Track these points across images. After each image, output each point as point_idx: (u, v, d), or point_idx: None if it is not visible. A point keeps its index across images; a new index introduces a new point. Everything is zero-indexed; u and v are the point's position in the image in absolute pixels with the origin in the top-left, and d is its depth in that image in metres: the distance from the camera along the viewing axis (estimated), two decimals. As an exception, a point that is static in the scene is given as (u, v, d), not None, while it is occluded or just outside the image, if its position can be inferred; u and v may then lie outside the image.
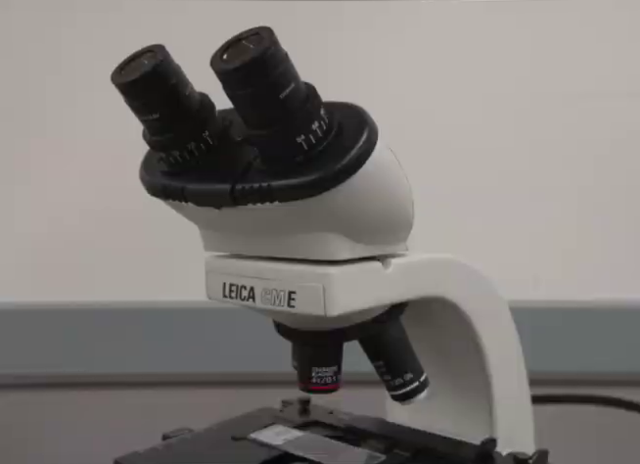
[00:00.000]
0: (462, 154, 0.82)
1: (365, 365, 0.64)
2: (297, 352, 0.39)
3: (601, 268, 0.83)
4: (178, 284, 0.81)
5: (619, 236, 0.83)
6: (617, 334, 0.78)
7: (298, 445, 0.40)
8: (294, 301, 0.34)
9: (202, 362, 0.82)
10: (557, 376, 0.72)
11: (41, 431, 0.82)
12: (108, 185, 0.82)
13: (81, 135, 0.83)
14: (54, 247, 0.84)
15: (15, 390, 0.82)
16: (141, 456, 0.39)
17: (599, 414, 0.67)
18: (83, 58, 0.82)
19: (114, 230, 0.83)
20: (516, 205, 0.82)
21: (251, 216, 0.33)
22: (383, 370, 0.39)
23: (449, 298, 0.41)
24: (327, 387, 0.38)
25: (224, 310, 0.82)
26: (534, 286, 0.80)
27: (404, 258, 0.37)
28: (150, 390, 0.83)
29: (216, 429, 0.44)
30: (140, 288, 0.83)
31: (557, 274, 0.82)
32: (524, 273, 0.81)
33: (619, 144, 0.82)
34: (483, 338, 0.43)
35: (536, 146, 0.82)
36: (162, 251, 0.83)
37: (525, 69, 0.82)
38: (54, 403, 0.82)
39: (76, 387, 0.83)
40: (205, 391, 0.82)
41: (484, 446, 0.38)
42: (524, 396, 0.48)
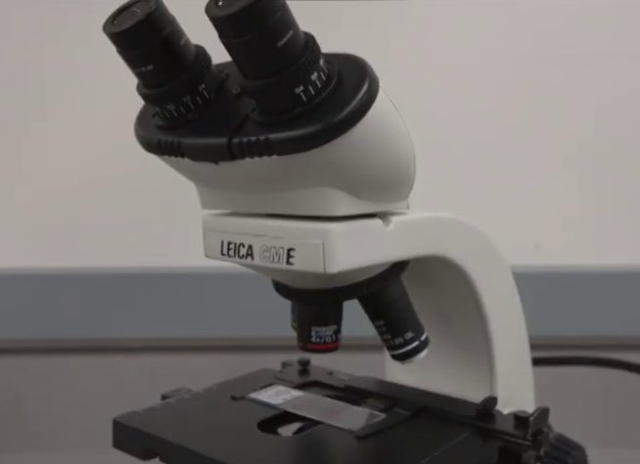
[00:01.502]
0: (460, 120, 0.80)
1: (364, 329, 0.64)
2: (297, 312, 0.39)
3: (601, 234, 0.82)
4: (178, 250, 0.81)
5: (620, 202, 0.82)
6: (618, 298, 0.78)
7: (298, 405, 0.40)
8: (293, 258, 0.33)
9: (202, 328, 0.82)
10: (556, 340, 0.72)
11: (41, 395, 0.82)
12: (108, 152, 0.81)
13: (81, 102, 0.81)
14: (53, 213, 0.83)
15: (15, 355, 0.82)
16: (139, 416, 0.38)
17: (599, 376, 0.67)
18: (83, 25, 0.80)
19: (113, 196, 0.82)
20: (515, 170, 0.81)
21: (249, 171, 0.32)
22: (383, 329, 0.38)
23: (450, 257, 0.40)
24: (326, 346, 0.37)
25: (224, 275, 0.82)
26: (535, 252, 0.80)
27: (405, 216, 0.37)
28: (150, 355, 0.83)
29: (215, 389, 0.43)
30: (139, 254, 0.82)
31: (557, 240, 0.82)
32: (525, 239, 0.81)
33: (621, 102, 0.80)
34: (484, 297, 0.43)
35: (536, 110, 0.81)
36: (162, 217, 0.82)
37: (527, 29, 0.80)
38: (53, 368, 0.82)
39: (76, 352, 0.83)
40: (205, 356, 0.83)
41: (485, 404, 0.38)
42: (524, 357, 0.48)
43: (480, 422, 0.37)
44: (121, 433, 0.38)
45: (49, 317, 0.81)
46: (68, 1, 0.78)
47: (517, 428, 0.36)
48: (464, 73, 0.79)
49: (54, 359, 0.82)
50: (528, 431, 0.35)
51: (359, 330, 0.65)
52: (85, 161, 0.82)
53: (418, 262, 0.42)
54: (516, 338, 0.47)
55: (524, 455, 0.43)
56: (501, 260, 0.45)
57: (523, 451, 0.42)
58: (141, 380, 0.81)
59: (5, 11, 0.80)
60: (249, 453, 0.34)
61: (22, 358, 0.82)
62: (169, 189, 0.75)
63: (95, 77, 0.79)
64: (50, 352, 0.83)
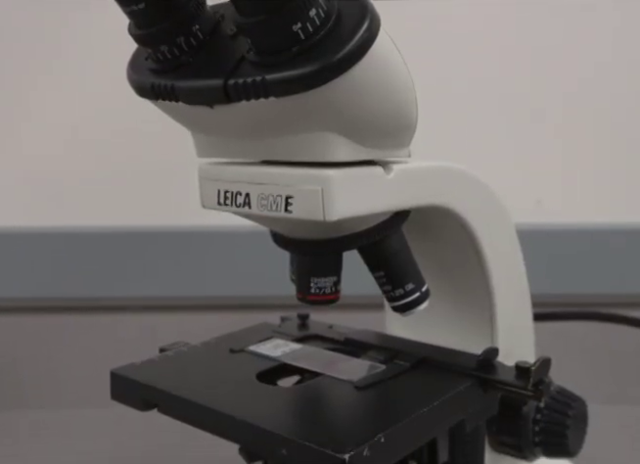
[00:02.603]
0: (462, 75, 0.79)
1: (364, 287, 0.63)
2: (296, 263, 0.38)
3: (602, 190, 0.81)
4: (177, 208, 0.80)
5: (621, 158, 0.82)
6: (619, 255, 0.78)
7: (297, 357, 0.40)
8: (291, 206, 0.32)
9: (201, 286, 0.81)
10: (557, 298, 0.72)
11: (40, 354, 0.82)
12: (108, 108, 0.79)
13: (82, 57, 0.80)
14: (52, 170, 0.82)
15: (14, 313, 0.82)
16: (137, 368, 0.38)
17: (599, 331, 0.67)
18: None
19: (112, 154, 0.81)
20: (515, 127, 0.80)
21: (246, 115, 0.31)
22: (383, 281, 0.38)
23: (452, 207, 0.39)
24: (326, 297, 0.37)
25: (224, 234, 0.82)
26: (537, 209, 0.79)
27: (407, 165, 0.36)
28: (149, 314, 0.83)
29: (214, 342, 0.43)
30: (139, 212, 0.82)
31: (559, 196, 0.81)
32: (526, 196, 0.80)
33: (622, 58, 0.79)
34: (486, 249, 0.42)
35: (537, 67, 0.80)
36: (161, 175, 0.81)
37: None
38: (52, 327, 0.82)
39: (75, 311, 0.83)
40: (204, 315, 0.83)
41: (486, 355, 0.37)
42: (525, 310, 0.48)
43: (480, 372, 0.37)
44: (119, 385, 0.37)
45: (48, 276, 0.81)
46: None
47: (518, 378, 0.36)
48: (467, 22, 0.78)
49: (53, 318, 0.82)
50: (530, 381, 0.35)
51: (359, 288, 0.64)
52: (84, 117, 0.81)
53: (419, 215, 0.41)
54: (517, 291, 0.46)
55: (524, 407, 0.43)
56: (503, 212, 0.45)
57: (523, 401, 0.42)
58: (141, 338, 0.81)
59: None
60: (247, 404, 0.34)
61: (21, 317, 0.82)
62: (169, 147, 0.75)
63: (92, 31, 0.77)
64: (49, 311, 0.83)
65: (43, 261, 0.81)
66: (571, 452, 0.43)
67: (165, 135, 0.68)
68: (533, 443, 0.43)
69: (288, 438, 0.30)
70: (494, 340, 0.44)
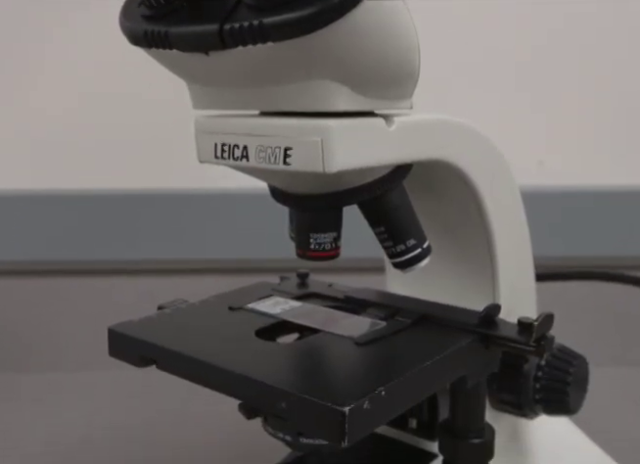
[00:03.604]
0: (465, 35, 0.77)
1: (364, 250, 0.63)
2: (295, 219, 0.37)
3: (603, 153, 0.81)
4: (177, 171, 0.79)
5: (622, 121, 0.81)
6: (622, 217, 0.77)
7: (296, 314, 0.40)
8: (290, 157, 0.32)
9: (200, 249, 0.81)
10: (558, 261, 0.72)
11: (39, 317, 0.82)
12: (107, 70, 0.78)
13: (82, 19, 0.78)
14: (48, 133, 0.81)
15: (12, 276, 0.82)
16: (135, 324, 0.38)
17: (601, 291, 0.66)
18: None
19: (109, 116, 0.80)
20: (517, 88, 0.79)
21: (243, 62, 0.30)
22: (384, 236, 0.37)
23: (454, 162, 0.39)
24: (326, 253, 0.36)
25: (224, 196, 0.81)
26: (539, 170, 0.78)
27: (408, 117, 0.35)
28: (148, 277, 0.82)
29: (212, 300, 0.43)
30: (139, 175, 0.81)
31: (561, 157, 0.80)
32: (528, 157, 0.79)
33: (624, 21, 0.77)
34: (488, 206, 0.42)
35: (538, 28, 0.78)
36: (160, 137, 0.80)
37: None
38: (50, 291, 0.82)
39: (74, 274, 0.83)
40: (204, 278, 0.82)
41: (488, 312, 0.37)
42: (527, 269, 0.47)
43: (482, 329, 0.36)
44: (117, 341, 0.37)
45: (44, 239, 0.81)
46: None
47: (520, 334, 0.36)
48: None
49: (50, 282, 0.82)
50: (532, 335, 0.35)
51: (359, 251, 0.64)
52: (83, 78, 0.79)
53: (421, 172, 0.40)
54: (520, 249, 0.46)
55: (525, 366, 0.43)
56: (506, 169, 0.44)
57: (525, 359, 0.42)
58: (138, 302, 0.81)
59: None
60: (247, 359, 0.33)
61: (18, 281, 0.82)
62: (168, 109, 0.73)
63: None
64: (45, 275, 0.82)
65: (39, 224, 0.80)
66: (572, 410, 0.43)
67: (165, 98, 0.67)
68: (534, 401, 0.43)
69: (287, 391, 0.29)
70: (496, 299, 0.44)
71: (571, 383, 0.42)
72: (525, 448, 0.47)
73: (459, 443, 0.37)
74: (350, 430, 0.28)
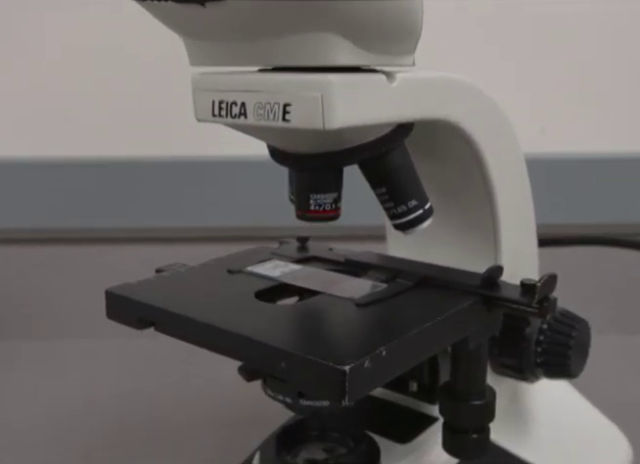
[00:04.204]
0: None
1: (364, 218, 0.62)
2: (294, 180, 0.37)
3: (605, 120, 0.80)
4: (177, 138, 0.78)
5: (625, 86, 0.79)
6: (622, 184, 0.76)
7: (296, 277, 0.39)
8: (289, 114, 0.31)
9: (201, 217, 0.80)
10: (559, 229, 0.71)
11: (40, 285, 0.82)
12: (108, 36, 0.77)
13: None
14: (48, 100, 0.80)
15: (12, 244, 0.81)
16: (133, 287, 0.37)
17: (603, 257, 0.66)
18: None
19: (109, 83, 0.79)
20: (518, 53, 0.78)
21: (240, 13, 0.29)
22: (385, 197, 0.36)
23: (458, 122, 0.38)
24: (326, 213, 0.35)
25: (224, 164, 0.80)
26: (541, 136, 0.77)
27: (411, 74, 0.34)
28: (148, 245, 0.82)
29: (211, 264, 0.42)
30: (139, 142, 0.80)
31: (563, 124, 0.79)
32: (530, 124, 0.78)
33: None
34: (491, 168, 0.41)
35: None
36: (161, 104, 0.79)
37: None
38: (50, 259, 0.82)
39: (74, 242, 0.82)
40: (204, 246, 0.82)
41: (490, 273, 0.36)
42: (530, 233, 0.46)
43: (484, 290, 0.36)
44: (115, 303, 0.37)
45: (45, 207, 0.80)
46: None
47: (523, 296, 0.35)
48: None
49: (50, 250, 0.82)
50: (535, 297, 0.34)
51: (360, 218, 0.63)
52: (81, 45, 0.78)
53: (424, 134, 0.39)
54: (522, 213, 0.45)
55: (526, 329, 0.43)
56: (510, 130, 0.43)
57: (526, 323, 0.42)
58: (140, 270, 0.81)
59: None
60: (246, 320, 0.33)
61: (20, 248, 0.82)
62: (168, 76, 0.72)
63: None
64: (46, 243, 0.82)
65: (39, 192, 0.80)
66: (573, 374, 0.43)
67: (165, 65, 0.66)
68: (535, 364, 0.43)
69: (287, 351, 0.29)
70: (498, 260, 0.43)
71: (572, 346, 0.42)
72: (526, 412, 0.47)
73: (460, 405, 0.37)
74: (351, 389, 0.27)
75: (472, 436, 0.37)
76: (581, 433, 0.47)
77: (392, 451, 0.40)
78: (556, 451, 0.45)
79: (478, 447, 0.37)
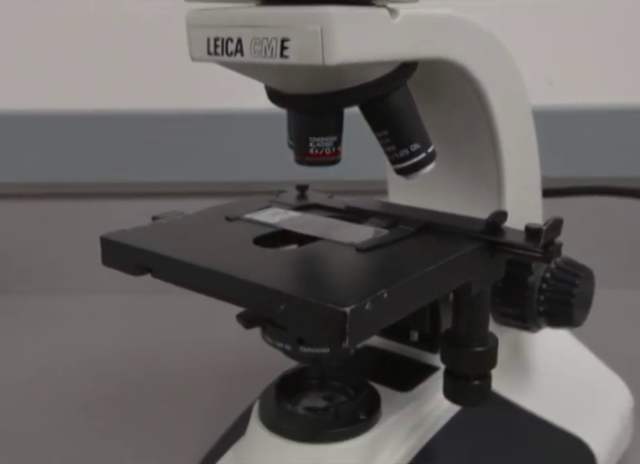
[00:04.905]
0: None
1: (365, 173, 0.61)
2: (293, 123, 0.36)
3: (612, 70, 0.78)
4: (177, 92, 0.77)
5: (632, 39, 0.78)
6: (630, 137, 0.75)
7: (296, 224, 0.38)
8: (287, 50, 0.30)
9: (200, 171, 0.79)
10: (565, 183, 0.70)
11: (40, 240, 0.82)
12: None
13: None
14: (51, 53, 0.78)
15: (12, 199, 0.81)
16: (129, 233, 0.37)
17: (608, 207, 0.65)
18: None
19: (110, 37, 0.77)
20: (524, 5, 0.76)
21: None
22: (387, 141, 0.35)
23: (463, 62, 0.36)
24: (326, 157, 0.34)
25: (223, 117, 0.79)
26: (548, 88, 0.76)
27: (414, 10, 0.33)
28: (147, 200, 0.81)
29: (209, 211, 0.41)
30: (138, 95, 0.78)
31: (569, 77, 0.78)
32: (537, 76, 0.77)
33: None
34: (497, 113, 0.40)
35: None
36: (162, 58, 0.77)
37: None
38: (50, 213, 0.81)
39: (73, 197, 0.81)
40: (203, 201, 0.81)
41: (494, 218, 0.36)
42: (534, 181, 0.45)
43: (488, 236, 0.35)
44: (110, 250, 0.36)
45: (44, 161, 0.79)
46: None
47: (527, 240, 0.34)
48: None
49: (49, 204, 0.81)
50: (540, 241, 0.33)
51: (360, 173, 0.62)
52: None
53: (428, 76, 0.38)
54: (527, 160, 0.44)
55: (529, 278, 0.42)
56: (516, 73, 0.42)
57: (529, 271, 0.41)
58: (139, 224, 0.80)
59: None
60: (244, 264, 0.32)
61: (17, 203, 0.81)
62: (167, 32, 0.70)
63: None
64: (45, 197, 0.81)
65: (37, 146, 0.79)
66: (576, 322, 0.43)
67: (166, 16, 0.64)
68: (538, 313, 0.42)
69: (286, 293, 0.28)
70: (502, 208, 0.42)
71: (576, 295, 0.41)
72: (527, 362, 0.47)
73: (461, 352, 0.36)
74: (351, 331, 0.27)
75: (473, 382, 0.37)
76: (583, 381, 0.47)
77: (393, 399, 0.40)
78: (557, 400, 0.45)
79: (479, 394, 0.37)
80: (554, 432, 0.43)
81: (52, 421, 0.53)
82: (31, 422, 0.53)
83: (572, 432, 0.44)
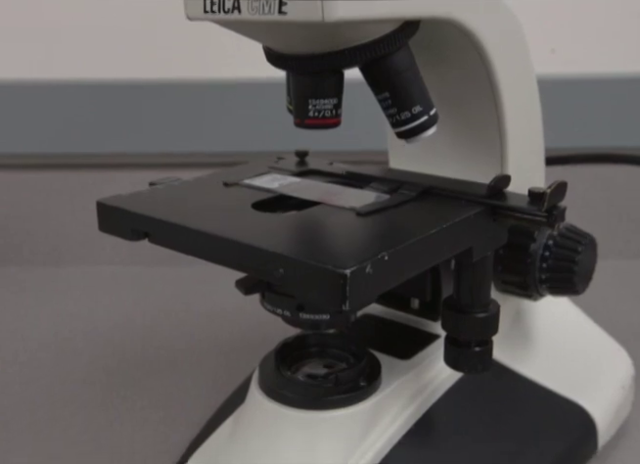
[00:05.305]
0: None
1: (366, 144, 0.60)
2: (292, 85, 0.35)
3: (616, 40, 0.76)
4: (177, 60, 0.76)
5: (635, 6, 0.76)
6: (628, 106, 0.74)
7: (295, 189, 0.38)
8: (285, 6, 0.29)
9: (197, 142, 0.78)
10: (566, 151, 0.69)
11: (37, 210, 0.81)
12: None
13: None
14: (49, 21, 0.77)
15: (11, 169, 0.80)
16: (125, 198, 0.36)
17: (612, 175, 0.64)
18: None
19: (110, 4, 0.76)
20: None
21: None
22: (388, 103, 0.34)
23: (465, 22, 0.35)
24: (326, 121, 0.34)
25: (221, 86, 0.77)
26: (551, 56, 0.74)
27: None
28: (146, 171, 0.80)
29: (207, 177, 0.41)
30: (137, 64, 0.77)
31: (572, 45, 0.76)
32: (540, 45, 0.75)
33: None
34: (500, 77, 0.39)
35: None
36: (158, 26, 0.76)
37: None
38: (48, 184, 0.80)
39: (71, 168, 0.80)
40: (200, 172, 0.80)
41: (497, 183, 0.35)
42: (537, 147, 0.45)
43: (490, 200, 0.35)
44: (107, 215, 0.35)
45: (40, 131, 0.78)
46: None
47: (531, 204, 0.34)
48: None
49: (46, 175, 0.80)
50: (544, 204, 0.33)
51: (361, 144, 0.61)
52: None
53: (431, 39, 0.37)
54: (530, 124, 0.43)
55: (531, 245, 0.42)
56: (521, 37, 0.41)
57: (532, 238, 0.41)
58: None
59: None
60: (243, 228, 0.32)
61: (15, 174, 0.80)
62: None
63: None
64: (43, 168, 0.80)
65: (37, 116, 0.77)
66: (578, 290, 0.42)
67: None
68: (540, 281, 0.42)
69: (285, 255, 0.28)
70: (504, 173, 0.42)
71: (579, 262, 0.41)
72: (528, 330, 0.46)
73: (463, 318, 0.36)
74: (352, 294, 0.26)
75: (474, 349, 0.36)
76: (584, 349, 0.47)
77: (393, 367, 0.40)
78: (558, 368, 0.44)
79: (479, 361, 0.37)
80: (555, 399, 0.43)
81: (52, 392, 0.53)
82: (32, 393, 0.53)
83: (573, 399, 0.43)
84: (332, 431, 0.36)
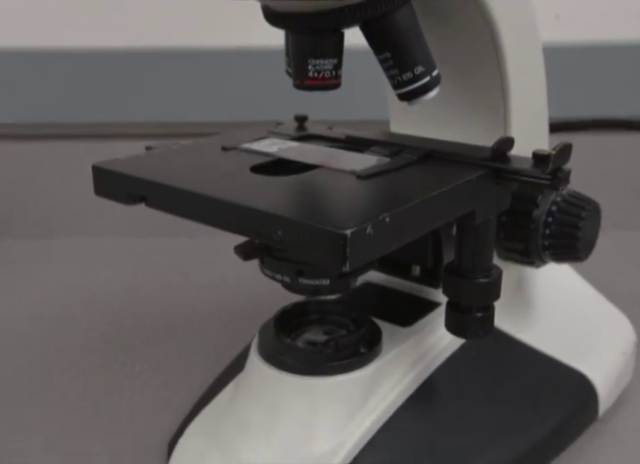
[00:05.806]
0: None
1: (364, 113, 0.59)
2: (291, 46, 0.34)
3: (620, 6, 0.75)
4: (176, 29, 0.74)
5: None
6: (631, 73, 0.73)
7: (295, 153, 0.37)
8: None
9: (197, 111, 0.78)
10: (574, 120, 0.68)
11: (37, 181, 0.80)
12: None
13: None
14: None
15: (9, 140, 0.79)
16: (122, 162, 0.35)
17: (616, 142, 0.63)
18: None
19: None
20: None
21: None
22: (390, 63, 0.34)
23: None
24: (325, 81, 0.33)
25: (220, 54, 0.76)
26: (555, 21, 0.73)
27: None
28: (145, 141, 0.80)
29: (204, 141, 0.40)
30: (137, 32, 0.76)
31: (576, 11, 0.75)
32: (544, 10, 0.74)
33: None
34: (504, 38, 0.38)
35: None
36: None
37: None
38: (48, 154, 0.79)
39: (70, 138, 0.80)
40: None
41: (500, 146, 0.34)
42: (541, 107, 0.44)
43: (493, 163, 0.34)
44: (103, 178, 0.35)
45: (40, 101, 0.77)
46: None
47: (535, 167, 0.33)
48: None
49: (49, 145, 0.79)
50: (549, 166, 0.32)
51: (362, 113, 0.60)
52: None
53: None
54: (534, 86, 0.42)
55: (535, 211, 0.41)
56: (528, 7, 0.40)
57: (536, 202, 0.40)
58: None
59: None
60: (241, 190, 0.31)
61: (6, 144, 0.79)
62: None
63: None
64: (45, 138, 0.79)
65: (33, 85, 0.77)
66: (581, 257, 0.42)
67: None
68: (542, 247, 0.41)
69: (283, 217, 0.27)
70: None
71: (582, 228, 0.40)
72: (530, 298, 0.46)
73: (464, 282, 0.35)
74: (352, 254, 0.26)
75: (476, 314, 0.36)
76: (585, 317, 0.46)
77: (394, 334, 0.39)
78: (560, 335, 0.44)
79: (481, 327, 0.36)
80: (556, 366, 0.43)
81: (50, 359, 0.53)
82: (28, 360, 0.53)
83: (574, 366, 0.43)
84: (332, 397, 0.36)
